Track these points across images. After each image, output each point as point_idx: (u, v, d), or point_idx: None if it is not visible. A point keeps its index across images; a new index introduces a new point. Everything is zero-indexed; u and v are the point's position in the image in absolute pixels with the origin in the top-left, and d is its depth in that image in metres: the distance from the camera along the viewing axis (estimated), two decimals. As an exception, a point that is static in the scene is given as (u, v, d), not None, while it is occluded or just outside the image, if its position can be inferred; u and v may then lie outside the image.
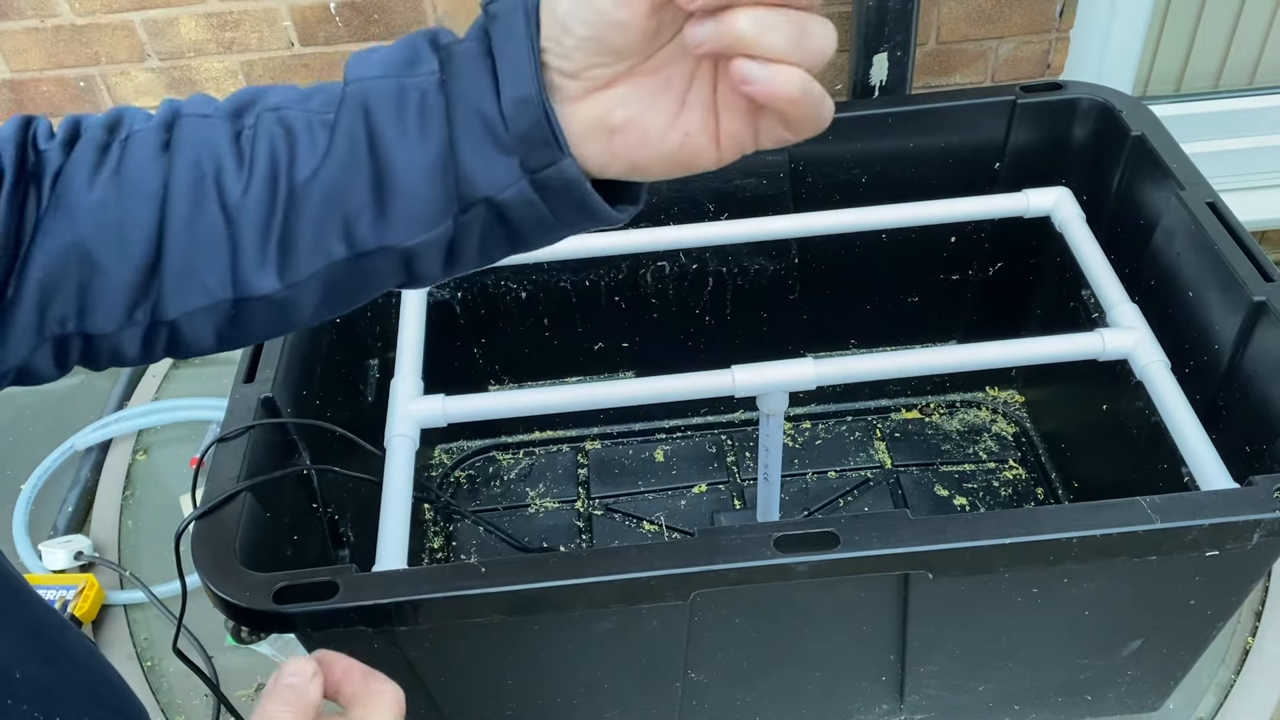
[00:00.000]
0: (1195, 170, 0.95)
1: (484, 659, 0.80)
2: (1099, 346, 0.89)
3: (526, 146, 0.46)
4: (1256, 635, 1.05)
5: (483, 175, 0.47)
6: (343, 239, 0.48)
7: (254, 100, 0.50)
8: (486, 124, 0.46)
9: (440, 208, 0.47)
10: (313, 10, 1.62)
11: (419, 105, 0.47)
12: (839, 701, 0.92)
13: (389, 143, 0.47)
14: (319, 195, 0.47)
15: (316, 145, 0.48)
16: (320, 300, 0.50)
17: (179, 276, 0.48)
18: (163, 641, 1.13)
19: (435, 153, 0.47)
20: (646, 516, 1.19)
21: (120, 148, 0.49)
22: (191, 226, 0.48)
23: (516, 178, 0.46)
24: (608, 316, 1.19)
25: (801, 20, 0.43)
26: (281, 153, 0.48)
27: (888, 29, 1.47)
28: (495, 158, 0.46)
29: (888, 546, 0.70)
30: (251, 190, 0.48)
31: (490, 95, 0.46)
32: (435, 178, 0.47)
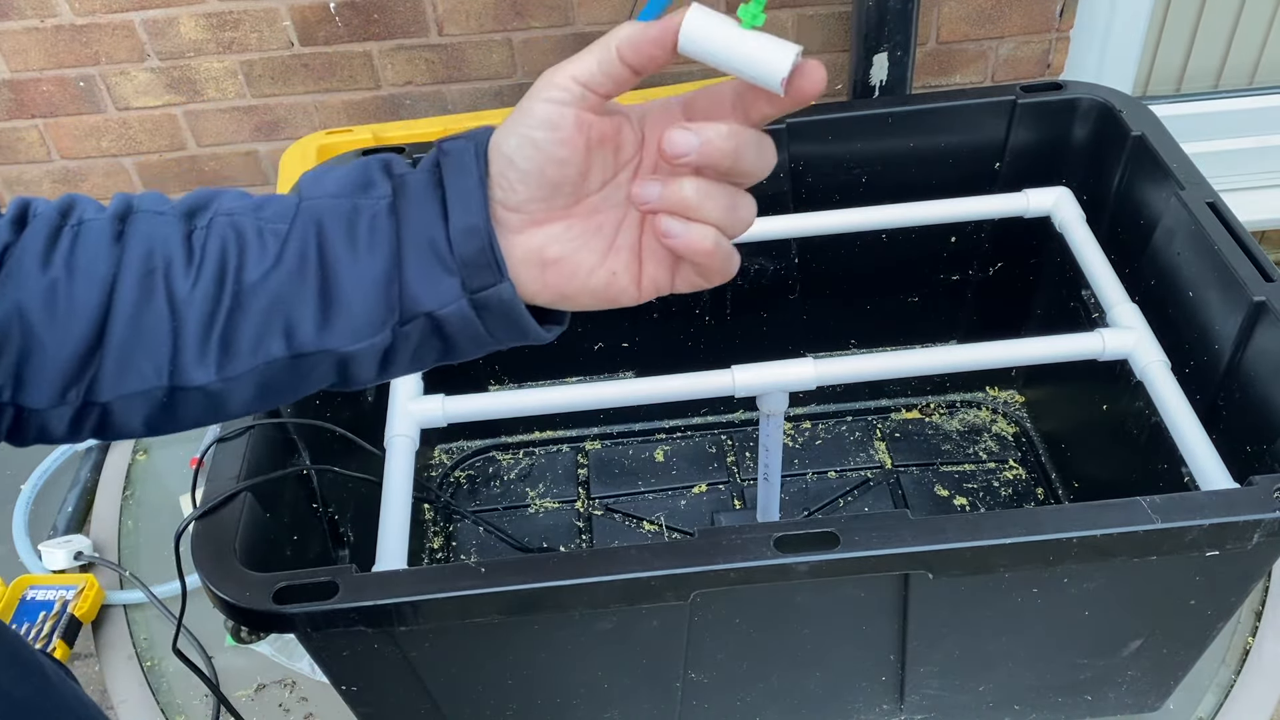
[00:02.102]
0: (1195, 170, 0.95)
1: (484, 659, 0.80)
2: (1099, 346, 0.89)
3: (469, 270, 0.50)
4: (1256, 635, 1.05)
5: (426, 292, 0.50)
6: (283, 340, 0.51)
7: (207, 203, 0.52)
8: (434, 248, 0.50)
9: (381, 318, 0.51)
10: (313, 10, 1.62)
11: (370, 226, 0.50)
12: (839, 701, 0.92)
13: (338, 257, 0.50)
14: (265, 298, 0.50)
15: (266, 252, 0.50)
16: (254, 395, 0.52)
17: (118, 361, 0.50)
18: (163, 641, 1.13)
19: (382, 269, 0.50)
20: (646, 516, 1.19)
21: (73, 232, 0.50)
22: (137, 315, 0.49)
23: (457, 296, 0.50)
24: (608, 316, 1.18)
25: (735, 194, 0.51)
26: (231, 255, 0.50)
27: (888, 29, 1.47)
28: (439, 278, 0.50)
29: (888, 546, 0.70)
30: (199, 287, 0.50)
31: (439, 222, 0.50)
32: (379, 291, 0.50)
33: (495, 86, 1.71)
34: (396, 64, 1.68)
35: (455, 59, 1.68)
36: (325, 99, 1.73)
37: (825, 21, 1.64)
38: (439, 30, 1.65)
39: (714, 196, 0.49)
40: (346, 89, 1.72)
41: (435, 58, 1.68)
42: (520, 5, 1.62)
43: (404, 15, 1.63)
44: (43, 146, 1.79)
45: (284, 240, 0.50)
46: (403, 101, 1.74)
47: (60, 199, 0.52)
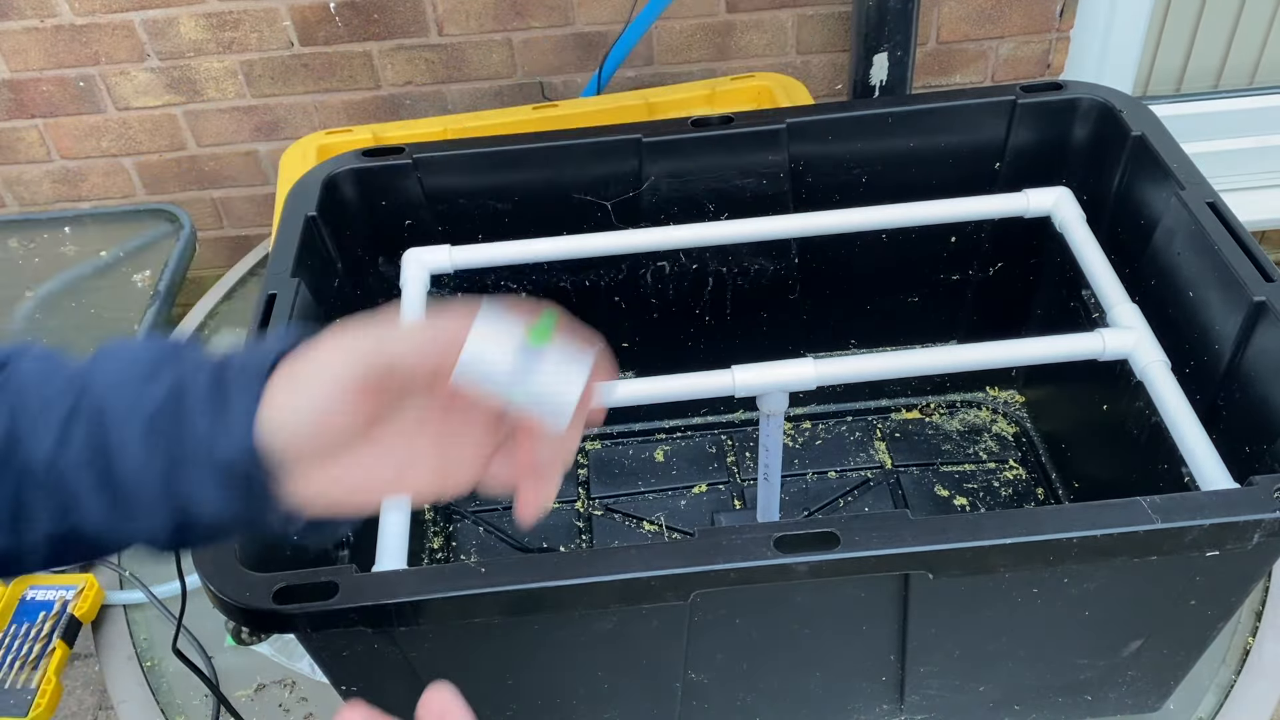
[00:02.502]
0: (1195, 170, 0.95)
1: (484, 659, 0.80)
2: (1099, 346, 0.89)
3: (248, 493, 0.49)
4: (1256, 635, 1.05)
5: (203, 500, 0.49)
6: (67, 517, 0.49)
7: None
8: (213, 465, 0.49)
9: (160, 511, 0.50)
10: (313, 10, 1.62)
11: (149, 428, 0.49)
12: (839, 701, 0.92)
13: (121, 449, 0.49)
14: (49, 476, 0.49)
15: (49, 433, 0.49)
16: (47, 556, 0.51)
17: None
18: (163, 641, 1.13)
19: (160, 470, 0.49)
20: (646, 516, 1.19)
21: None
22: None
23: (224, 503, 0.50)
24: (608, 316, 1.19)
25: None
26: (21, 430, 0.49)
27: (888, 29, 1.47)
28: (219, 493, 0.49)
29: (888, 546, 0.70)
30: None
31: (221, 441, 0.49)
32: (159, 491, 0.49)
33: (495, 86, 1.71)
34: (396, 64, 1.68)
35: (455, 59, 1.68)
36: (325, 99, 1.73)
37: (825, 21, 1.64)
38: (439, 30, 1.65)
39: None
40: (346, 89, 1.72)
41: (435, 58, 1.68)
42: (520, 5, 1.62)
43: (404, 15, 1.63)
44: (43, 146, 1.79)
45: (67, 423, 0.49)
46: (403, 101, 1.74)
47: None
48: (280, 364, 0.50)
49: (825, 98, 1.71)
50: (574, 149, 1.06)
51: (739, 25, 1.64)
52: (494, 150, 1.06)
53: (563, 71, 1.69)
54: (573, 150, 1.06)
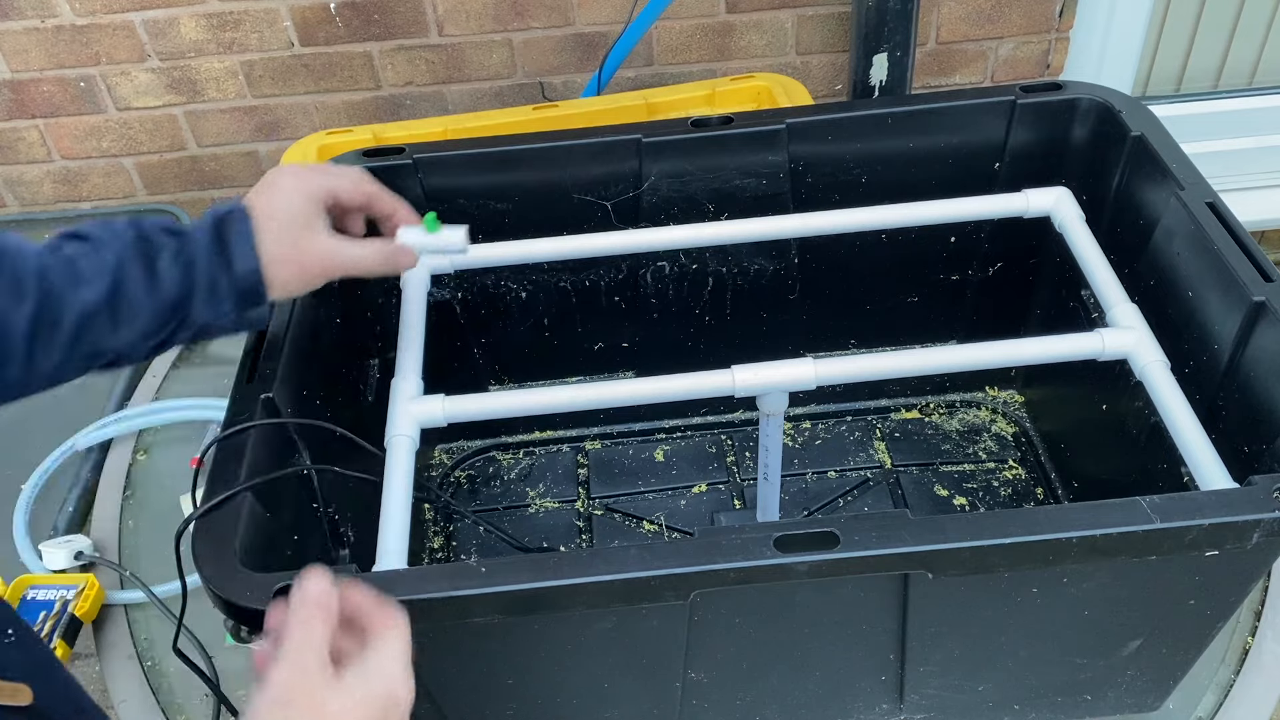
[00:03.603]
0: (1195, 170, 0.95)
1: (484, 659, 0.80)
2: (1099, 346, 0.89)
3: (245, 297, 0.76)
4: (1256, 635, 1.05)
5: (208, 316, 0.76)
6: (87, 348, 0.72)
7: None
8: (215, 289, 0.75)
9: (163, 327, 0.74)
10: (313, 10, 1.62)
11: (168, 268, 0.73)
12: (839, 701, 0.92)
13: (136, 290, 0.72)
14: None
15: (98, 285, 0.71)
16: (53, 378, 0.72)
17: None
18: (163, 641, 1.13)
19: (171, 298, 0.73)
20: (646, 516, 1.19)
21: None
22: None
23: (229, 314, 0.76)
24: (608, 316, 1.19)
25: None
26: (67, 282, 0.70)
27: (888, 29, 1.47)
28: (220, 306, 0.75)
29: (888, 546, 0.70)
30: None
31: (225, 268, 0.75)
32: (165, 314, 0.74)
33: (495, 86, 1.71)
34: (396, 64, 1.68)
35: (455, 59, 1.68)
36: (325, 99, 1.73)
37: (825, 21, 1.64)
38: (439, 30, 1.65)
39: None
40: (346, 89, 1.72)
41: (435, 58, 1.68)
42: (520, 5, 1.62)
43: (404, 15, 1.63)
44: (43, 146, 1.79)
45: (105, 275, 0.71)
46: (403, 101, 1.74)
47: None
48: (245, 204, 0.76)
49: (825, 98, 1.71)
50: (574, 149, 1.06)
51: (739, 25, 1.64)
52: (494, 150, 1.06)
53: (563, 71, 1.70)
54: (573, 150, 1.06)
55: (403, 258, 0.84)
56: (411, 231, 0.86)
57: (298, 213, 0.77)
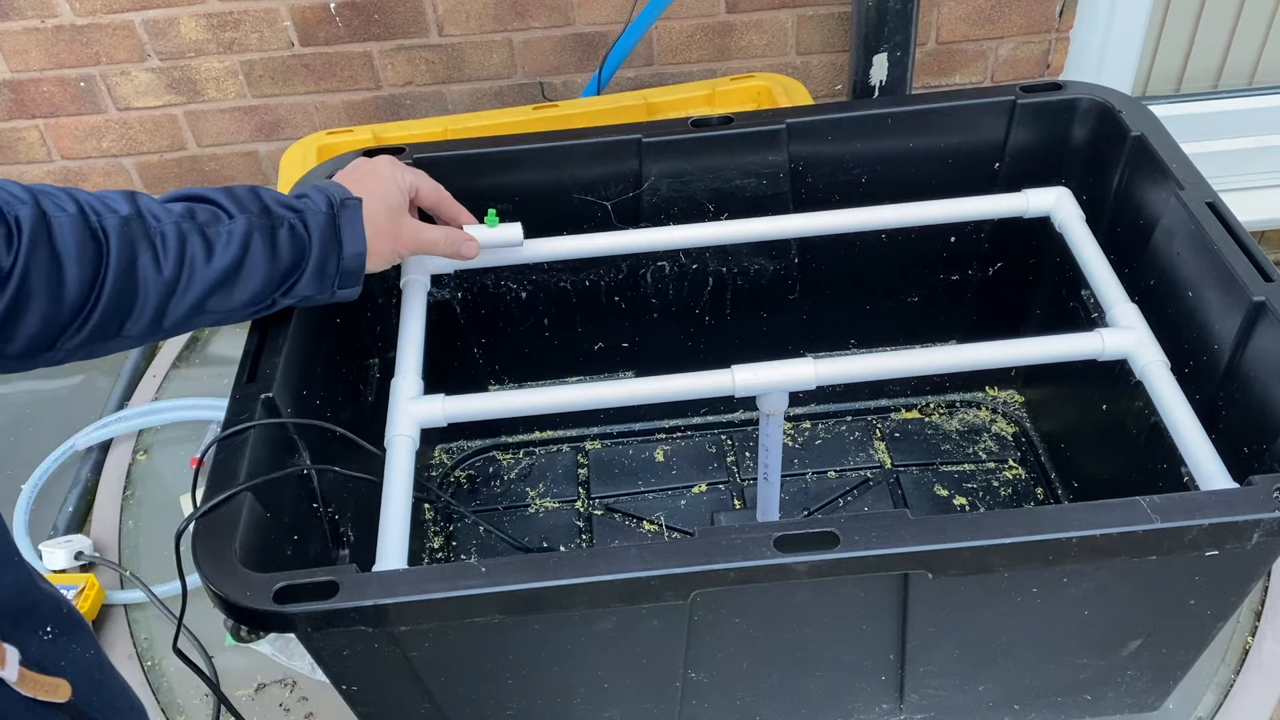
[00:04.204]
0: (1195, 170, 0.95)
1: (484, 659, 0.80)
2: (1099, 346, 0.89)
3: (346, 277, 0.85)
4: (1256, 635, 1.05)
5: (310, 290, 0.84)
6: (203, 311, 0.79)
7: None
8: (325, 267, 0.83)
9: (266, 296, 0.81)
10: (313, 10, 1.62)
11: (286, 243, 0.81)
12: (839, 701, 0.92)
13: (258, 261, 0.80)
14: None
15: (227, 256, 0.78)
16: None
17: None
18: (163, 641, 1.13)
19: (283, 271, 0.81)
20: (646, 516, 1.19)
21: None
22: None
23: (329, 290, 0.85)
24: (608, 316, 1.19)
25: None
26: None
27: (888, 29, 1.47)
28: (324, 283, 0.84)
29: (888, 546, 0.70)
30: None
31: (335, 250, 0.83)
32: (275, 285, 0.81)
33: (495, 86, 1.71)
34: (396, 64, 1.68)
35: (455, 59, 1.68)
36: (325, 99, 1.73)
37: (825, 21, 1.64)
38: (439, 30, 1.65)
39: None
40: (347, 89, 1.72)
41: (435, 58, 1.68)
42: (520, 5, 1.62)
43: (404, 15, 1.63)
44: (43, 146, 1.79)
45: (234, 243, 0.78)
46: (403, 101, 1.74)
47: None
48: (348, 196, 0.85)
49: (825, 98, 1.71)
50: (574, 149, 1.06)
51: (739, 25, 1.64)
52: (494, 150, 1.06)
53: (563, 71, 1.69)
54: (573, 150, 1.06)
55: (467, 245, 0.94)
56: (476, 228, 0.96)
57: (396, 195, 0.88)
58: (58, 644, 0.55)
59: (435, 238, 0.91)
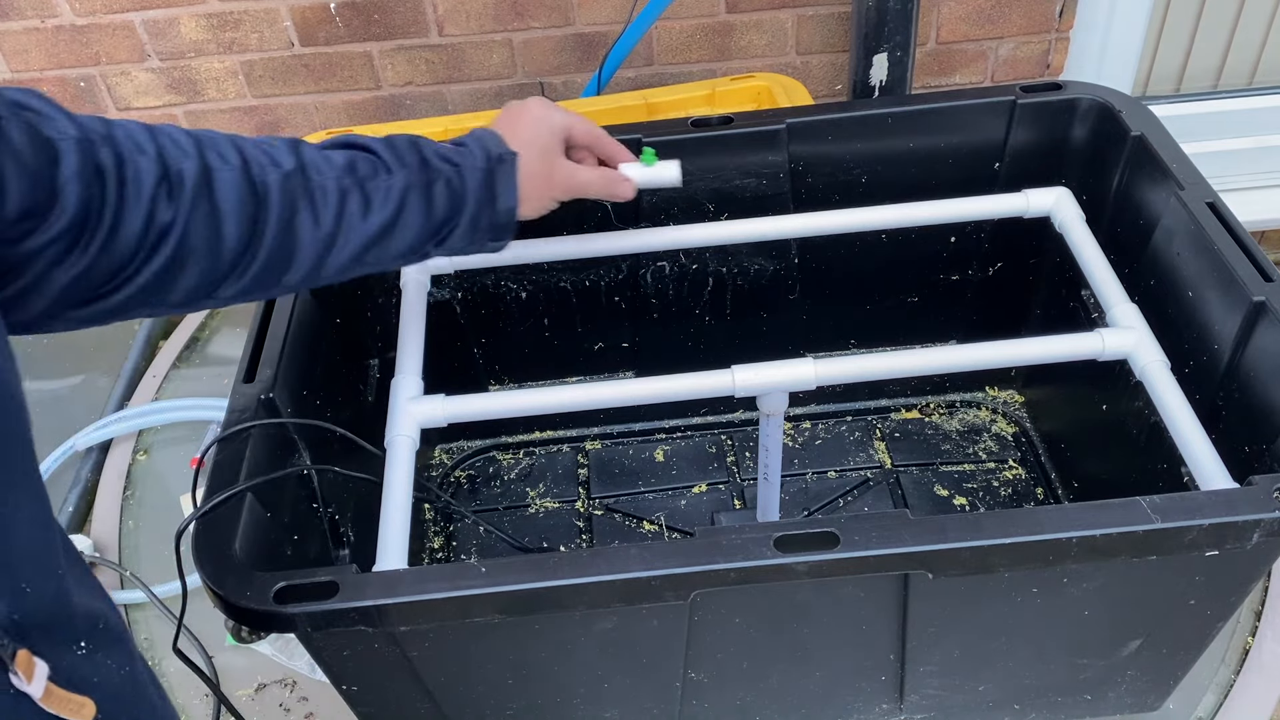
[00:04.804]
0: (1195, 170, 0.95)
1: (484, 659, 0.80)
2: (1099, 346, 0.89)
3: (497, 231, 0.83)
4: (1256, 635, 1.05)
5: (460, 244, 0.82)
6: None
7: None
8: (478, 222, 0.81)
9: (417, 249, 0.80)
10: (313, 10, 1.62)
11: (441, 196, 0.79)
12: (839, 701, 0.92)
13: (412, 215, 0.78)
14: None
15: (384, 212, 0.77)
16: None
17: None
18: (163, 641, 1.13)
19: (437, 225, 0.79)
20: (646, 516, 1.19)
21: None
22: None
23: (479, 244, 0.83)
24: (608, 316, 1.19)
25: None
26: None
27: (888, 29, 1.47)
28: (475, 236, 0.82)
29: (888, 546, 0.70)
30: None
31: (490, 204, 0.81)
32: (427, 238, 0.79)
33: (495, 86, 1.71)
34: (396, 64, 1.68)
35: (455, 59, 1.68)
36: (325, 99, 1.73)
37: (825, 21, 1.64)
38: (439, 30, 1.65)
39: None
40: (347, 89, 1.72)
41: (435, 58, 1.68)
42: (520, 5, 1.62)
43: (404, 15, 1.63)
44: (43, 147, 1.79)
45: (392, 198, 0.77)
46: (403, 101, 1.74)
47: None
48: (501, 133, 0.84)
49: (825, 98, 1.71)
50: (574, 149, 1.06)
51: (739, 25, 1.64)
52: (494, 150, 1.06)
53: (563, 71, 1.69)
54: (573, 150, 1.06)
55: (622, 185, 0.91)
56: (631, 167, 0.93)
57: (549, 139, 0.85)
58: (92, 659, 0.55)
59: (589, 178, 0.88)
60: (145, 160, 0.66)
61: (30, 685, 0.49)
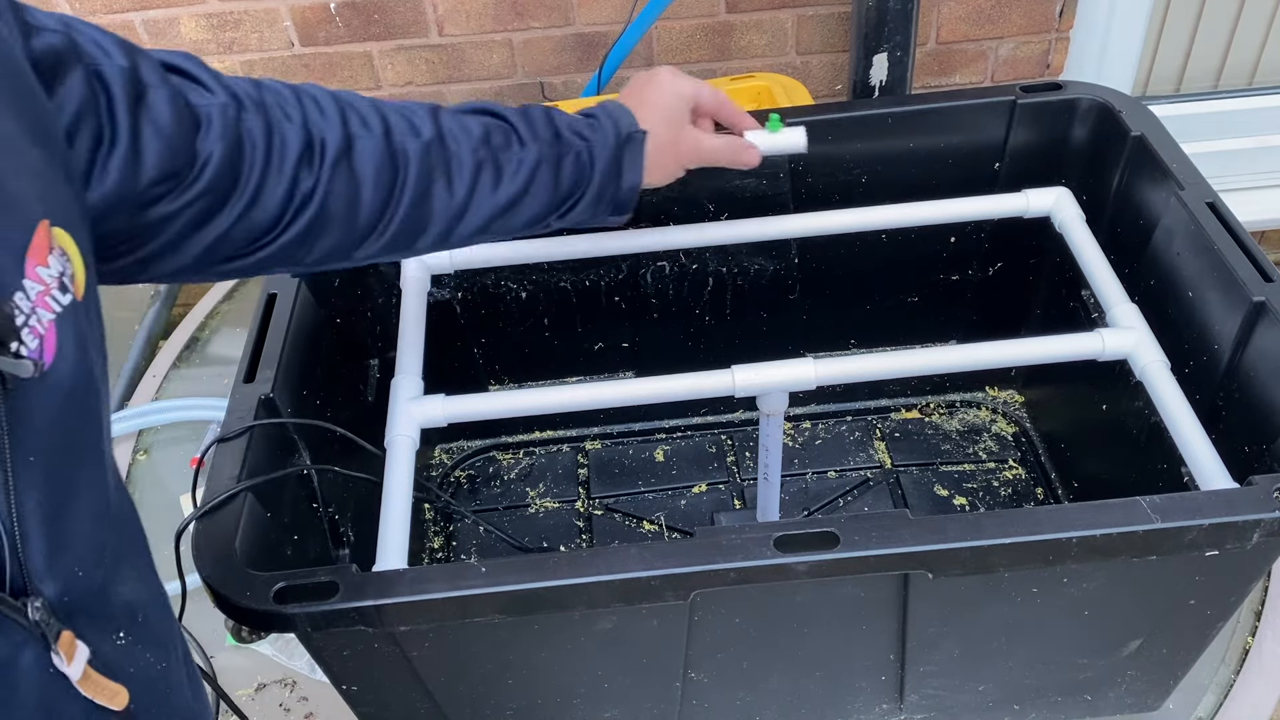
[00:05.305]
0: (1195, 170, 0.95)
1: (484, 659, 0.80)
2: (1099, 346, 0.89)
3: (619, 206, 0.83)
4: (1256, 635, 1.05)
5: (582, 217, 0.83)
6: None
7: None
8: (602, 196, 0.82)
9: (541, 221, 0.81)
10: (313, 10, 1.62)
11: (569, 171, 0.80)
12: (839, 701, 0.92)
13: (541, 189, 0.79)
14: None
15: (512, 186, 0.78)
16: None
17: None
18: (163, 641, 1.13)
19: (561, 198, 0.80)
20: (646, 516, 1.19)
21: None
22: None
23: (602, 218, 0.84)
24: (608, 316, 1.19)
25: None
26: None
27: (888, 29, 1.47)
28: (598, 210, 0.83)
29: (888, 546, 0.70)
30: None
31: (615, 180, 0.82)
32: (550, 210, 0.80)
33: (495, 87, 1.71)
34: (396, 64, 1.68)
35: (455, 59, 1.68)
36: (325, 99, 1.73)
37: (825, 21, 1.64)
38: (439, 30, 1.65)
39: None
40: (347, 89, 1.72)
41: (435, 58, 1.68)
42: (520, 5, 1.62)
43: (404, 15, 1.63)
44: (43, 146, 1.79)
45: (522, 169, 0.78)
46: (403, 101, 1.74)
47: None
48: (628, 105, 0.84)
49: (825, 98, 1.71)
50: (574, 149, 1.06)
51: (739, 25, 1.64)
52: (494, 150, 1.06)
53: (563, 71, 1.69)
54: (573, 150, 1.06)
55: (748, 152, 0.91)
56: (756, 134, 0.93)
57: (676, 106, 0.86)
58: (130, 651, 0.55)
59: (716, 146, 0.89)
60: (292, 129, 0.67)
61: (70, 667, 0.49)
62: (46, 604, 0.47)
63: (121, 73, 0.58)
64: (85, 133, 0.56)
